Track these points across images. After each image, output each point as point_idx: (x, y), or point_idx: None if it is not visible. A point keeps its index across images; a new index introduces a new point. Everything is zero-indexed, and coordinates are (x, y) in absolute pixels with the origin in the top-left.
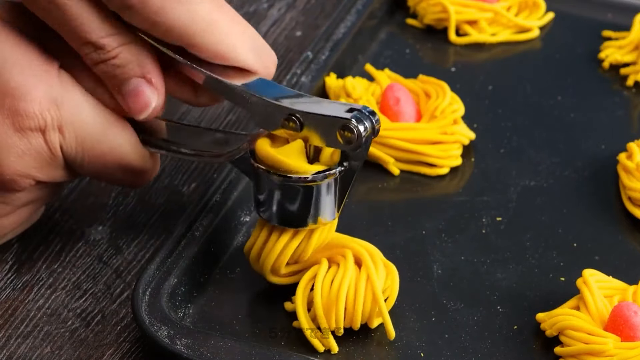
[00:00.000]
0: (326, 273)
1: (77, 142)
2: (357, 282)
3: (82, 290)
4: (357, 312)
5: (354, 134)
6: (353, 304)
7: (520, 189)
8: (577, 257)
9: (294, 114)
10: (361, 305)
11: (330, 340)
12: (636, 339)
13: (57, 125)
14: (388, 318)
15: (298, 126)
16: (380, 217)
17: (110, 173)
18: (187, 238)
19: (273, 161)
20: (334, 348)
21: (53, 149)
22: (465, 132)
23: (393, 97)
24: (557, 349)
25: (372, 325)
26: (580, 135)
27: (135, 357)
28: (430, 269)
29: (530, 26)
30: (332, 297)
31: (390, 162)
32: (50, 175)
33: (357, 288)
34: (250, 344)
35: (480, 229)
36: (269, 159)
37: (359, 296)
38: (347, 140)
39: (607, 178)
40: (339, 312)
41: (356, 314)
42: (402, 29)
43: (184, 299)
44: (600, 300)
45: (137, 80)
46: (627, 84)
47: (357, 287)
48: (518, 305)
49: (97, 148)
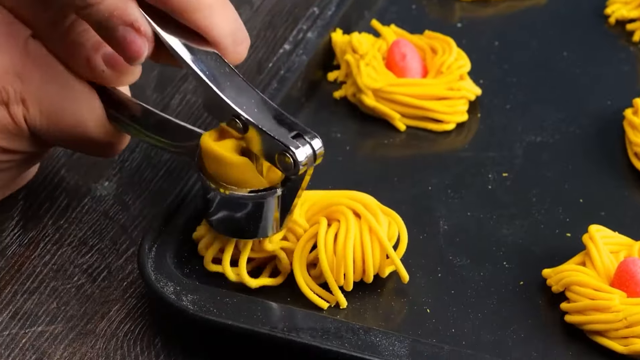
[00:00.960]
0: (327, 231)
1: (41, 115)
2: (362, 234)
3: (88, 246)
4: (368, 264)
5: (291, 162)
6: (362, 257)
7: (526, 144)
8: (583, 213)
9: (238, 117)
10: (370, 256)
11: (339, 295)
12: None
13: (21, 99)
14: (399, 263)
15: (241, 129)
16: (386, 173)
17: (76, 145)
18: (192, 194)
19: (211, 153)
20: (343, 302)
21: (17, 121)
22: (472, 87)
23: (399, 52)
24: (563, 304)
25: (384, 274)
26: (586, 91)
27: (141, 313)
28: (436, 225)
29: None
30: (339, 253)
31: (396, 118)
32: (16, 145)
33: (362, 241)
34: (257, 300)
35: (486, 185)
36: (208, 151)
37: (366, 248)
38: (285, 167)
39: (613, 134)
40: (349, 268)
41: (367, 267)
42: None
43: (190, 255)
44: (606, 256)
45: (125, 28)
46: (633, 39)
47: (362, 240)
48: (524, 261)
49: (62, 121)
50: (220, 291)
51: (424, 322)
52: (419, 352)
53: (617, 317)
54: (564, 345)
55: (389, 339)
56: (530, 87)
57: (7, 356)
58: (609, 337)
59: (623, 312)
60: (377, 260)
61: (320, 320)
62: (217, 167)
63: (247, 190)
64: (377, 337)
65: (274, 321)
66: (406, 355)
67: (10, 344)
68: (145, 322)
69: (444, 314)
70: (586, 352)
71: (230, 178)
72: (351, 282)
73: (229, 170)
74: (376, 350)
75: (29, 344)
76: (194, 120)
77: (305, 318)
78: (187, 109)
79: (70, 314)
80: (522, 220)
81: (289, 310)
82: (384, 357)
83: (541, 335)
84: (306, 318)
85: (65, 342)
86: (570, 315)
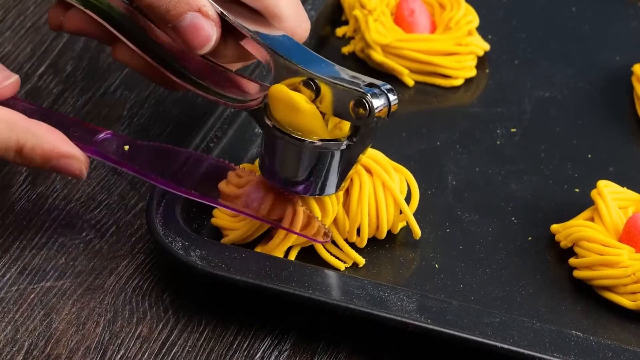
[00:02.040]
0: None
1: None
2: (375, 191)
3: (97, 201)
4: (382, 220)
5: (366, 110)
6: (376, 213)
7: (534, 100)
8: (591, 168)
9: (312, 79)
10: (385, 212)
11: (355, 254)
12: None
13: None
14: (412, 218)
15: (314, 91)
16: (395, 129)
17: None
18: (201, 149)
19: (284, 98)
20: (360, 261)
21: None
22: (480, 43)
23: (408, 8)
24: (572, 260)
25: (396, 230)
26: (595, 47)
27: (150, 268)
28: (445, 180)
29: None
30: (354, 210)
31: (404, 73)
32: None
33: (377, 197)
34: (265, 255)
35: (494, 141)
36: (281, 96)
37: (380, 204)
38: (359, 116)
39: (622, 89)
40: (364, 224)
41: (381, 223)
42: None
43: (198, 211)
44: (614, 212)
45: (192, 13)
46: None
47: (377, 196)
48: (532, 216)
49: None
50: (228, 246)
51: (432, 277)
52: (428, 308)
53: (626, 273)
54: (572, 300)
55: (397, 294)
56: (539, 42)
57: (15, 311)
58: (618, 292)
59: (632, 267)
60: (391, 217)
61: (329, 276)
62: (288, 112)
63: (315, 137)
64: (385, 292)
65: (282, 277)
66: (415, 310)
67: (18, 299)
68: (154, 278)
69: (452, 270)
70: (594, 307)
71: (299, 125)
72: (365, 238)
73: (299, 116)
74: (385, 306)
75: (37, 299)
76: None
77: (314, 274)
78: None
79: (78, 269)
80: (530, 175)
81: (297, 266)
82: (393, 312)
83: (549, 290)
84: (314, 274)
85: (73, 298)
86: (578, 270)
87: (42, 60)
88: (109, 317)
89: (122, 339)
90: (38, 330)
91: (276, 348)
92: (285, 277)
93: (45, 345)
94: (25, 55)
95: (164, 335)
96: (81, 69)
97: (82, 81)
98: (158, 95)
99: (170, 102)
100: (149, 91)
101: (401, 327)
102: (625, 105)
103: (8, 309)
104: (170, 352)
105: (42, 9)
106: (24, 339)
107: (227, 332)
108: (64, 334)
